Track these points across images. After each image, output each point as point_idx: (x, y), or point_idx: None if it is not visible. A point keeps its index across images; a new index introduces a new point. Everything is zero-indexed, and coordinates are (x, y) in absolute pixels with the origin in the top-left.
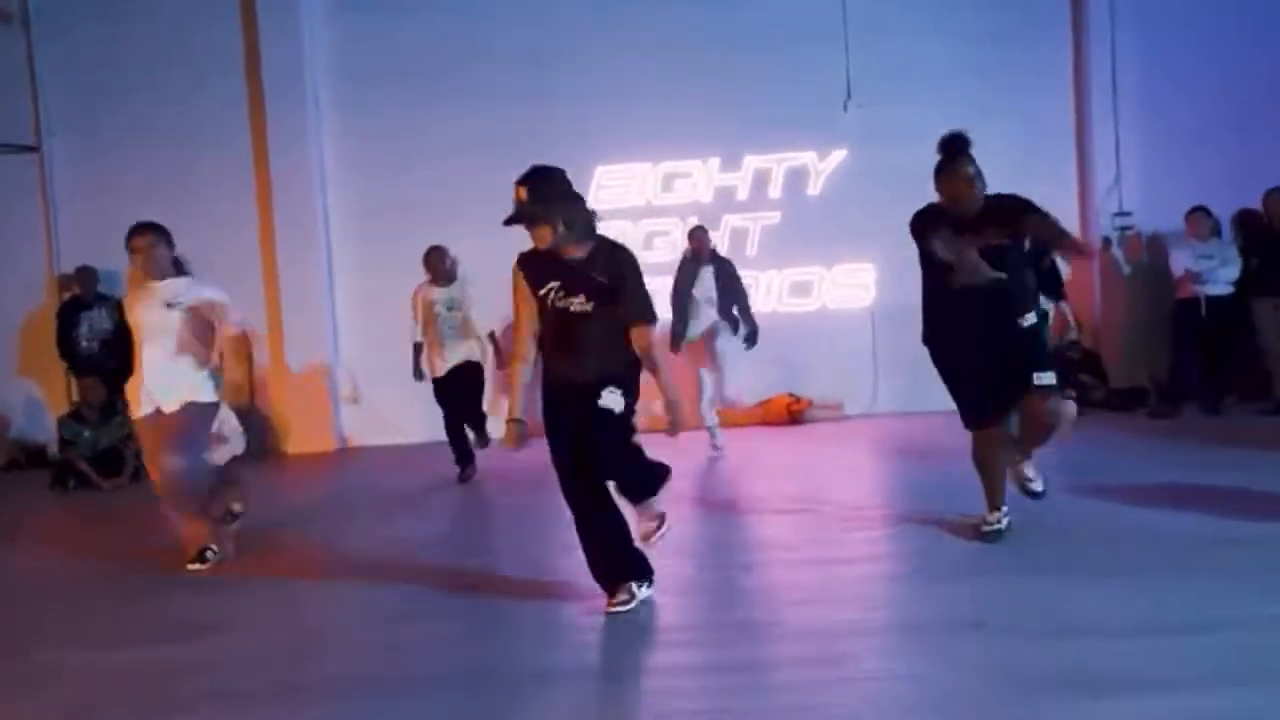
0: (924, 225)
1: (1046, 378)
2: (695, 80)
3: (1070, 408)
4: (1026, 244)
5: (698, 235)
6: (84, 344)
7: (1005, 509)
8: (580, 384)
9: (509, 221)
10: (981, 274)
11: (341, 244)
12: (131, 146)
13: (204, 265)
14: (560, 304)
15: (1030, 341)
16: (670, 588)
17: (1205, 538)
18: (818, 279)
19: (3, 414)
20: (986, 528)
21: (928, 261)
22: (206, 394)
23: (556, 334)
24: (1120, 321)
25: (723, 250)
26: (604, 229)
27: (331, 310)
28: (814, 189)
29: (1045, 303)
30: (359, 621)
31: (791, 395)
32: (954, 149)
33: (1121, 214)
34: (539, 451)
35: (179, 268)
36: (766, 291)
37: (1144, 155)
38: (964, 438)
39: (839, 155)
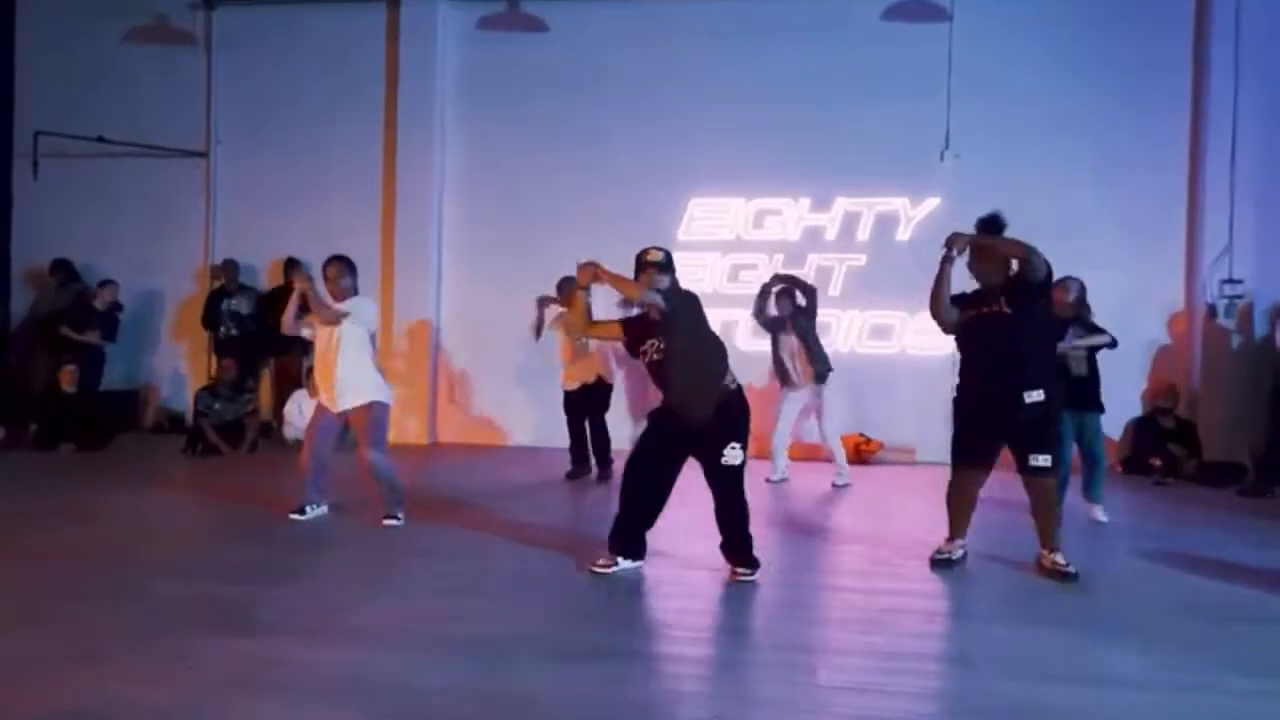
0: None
1: (1042, 459)
2: (792, 120)
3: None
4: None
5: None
6: (224, 328)
7: (962, 542)
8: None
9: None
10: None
11: (451, 254)
12: (280, 155)
13: None
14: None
15: (1035, 421)
16: None
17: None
18: (899, 323)
19: (155, 384)
20: (938, 555)
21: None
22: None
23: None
24: (1222, 392)
25: None
26: (692, 261)
27: (437, 314)
28: (903, 234)
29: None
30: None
31: (862, 436)
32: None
33: (1231, 281)
34: None
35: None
36: (846, 332)
37: (1260, 226)
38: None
39: (932, 203)
